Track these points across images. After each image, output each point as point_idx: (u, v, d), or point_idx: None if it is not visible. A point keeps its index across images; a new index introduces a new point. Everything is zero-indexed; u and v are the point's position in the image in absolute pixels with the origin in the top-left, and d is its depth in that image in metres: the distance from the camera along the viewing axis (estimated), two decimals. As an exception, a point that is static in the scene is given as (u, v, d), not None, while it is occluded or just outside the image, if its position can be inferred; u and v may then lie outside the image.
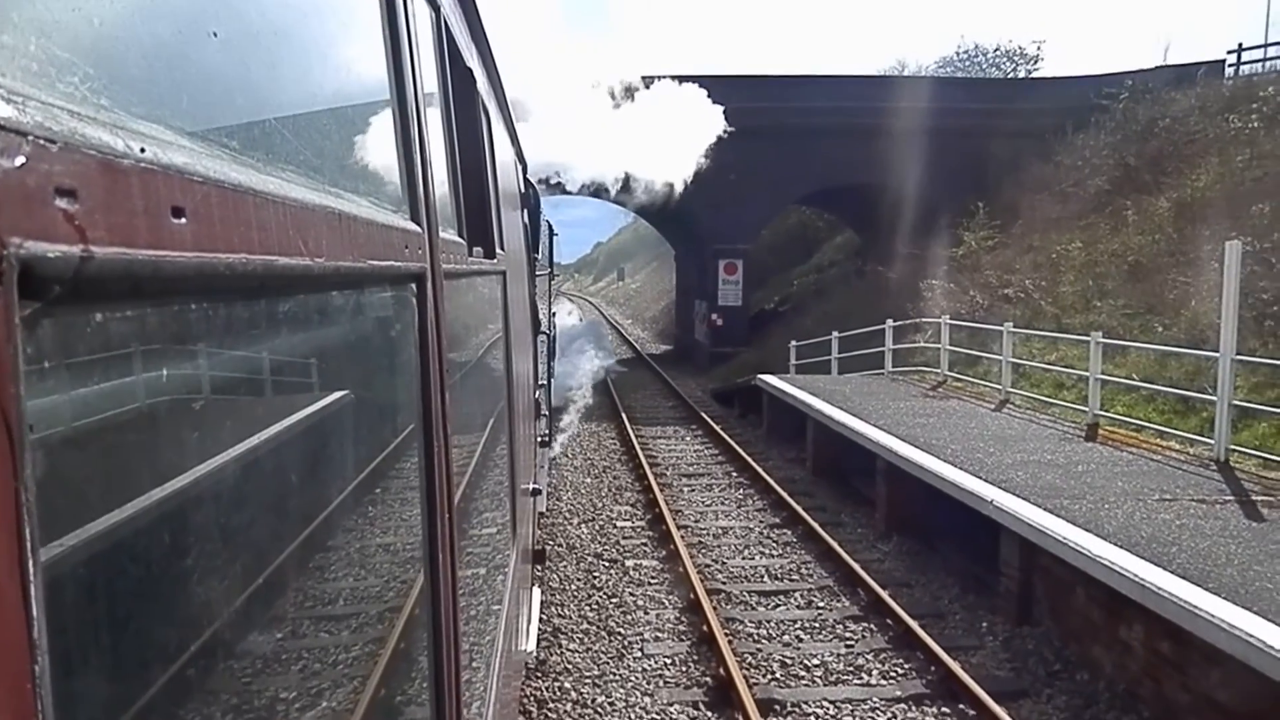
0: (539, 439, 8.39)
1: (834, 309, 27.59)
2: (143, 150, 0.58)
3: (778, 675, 7.88)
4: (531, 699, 7.53)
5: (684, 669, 8.11)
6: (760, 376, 19.67)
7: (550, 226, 18.65)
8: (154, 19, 0.75)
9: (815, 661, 8.13)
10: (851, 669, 7.99)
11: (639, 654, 8.42)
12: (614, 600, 9.78)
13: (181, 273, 0.63)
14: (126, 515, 0.65)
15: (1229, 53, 28.46)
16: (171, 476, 0.74)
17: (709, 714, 7.30)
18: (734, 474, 15.82)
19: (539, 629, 7.33)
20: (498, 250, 3.50)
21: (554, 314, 19.69)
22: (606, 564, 11.05)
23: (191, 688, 0.77)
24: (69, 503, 0.56)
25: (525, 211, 7.39)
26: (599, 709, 7.39)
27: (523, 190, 7.25)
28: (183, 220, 0.63)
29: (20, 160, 0.46)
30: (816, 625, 9.01)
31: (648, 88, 27.26)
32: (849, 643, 8.57)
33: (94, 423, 0.61)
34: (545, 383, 10.37)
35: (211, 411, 0.86)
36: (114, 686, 0.63)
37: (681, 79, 28.26)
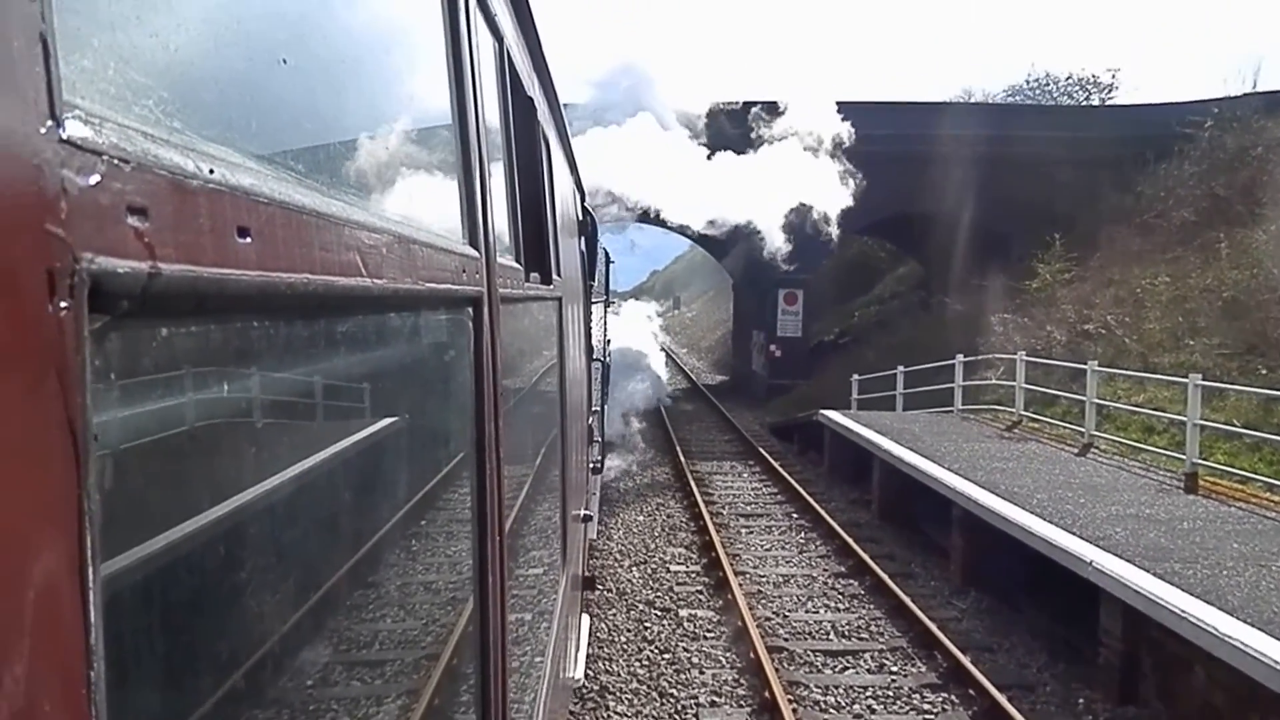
0: (591, 465, 8.21)
1: (897, 342, 26.56)
2: (211, 171, 0.60)
3: (849, 753, 7.05)
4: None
5: (743, 741, 7.33)
6: (822, 412, 18.80)
7: (607, 254, 18.23)
8: (227, 46, 0.77)
9: (891, 738, 7.28)
10: (932, 749, 7.13)
11: (694, 720, 7.66)
12: (666, 656, 9.03)
13: (245, 291, 0.64)
14: (182, 527, 0.66)
15: (1324, 79, 26.94)
16: (230, 492, 0.76)
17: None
18: (794, 515, 14.97)
19: (587, 658, 6.93)
20: (554, 276, 3.48)
21: (609, 340, 19.18)
22: (659, 613, 10.32)
23: (241, 705, 0.78)
24: (129, 512, 0.57)
25: (583, 239, 7.24)
26: (649, 785, 6.66)
27: (580, 218, 6.98)
28: (248, 240, 0.64)
29: (95, 179, 0.47)
30: (890, 694, 8.16)
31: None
32: (928, 716, 7.70)
33: (156, 435, 0.62)
34: (598, 408, 10.06)
35: (272, 429, 0.88)
36: (165, 698, 0.63)
37: (732, 106, 27.80)
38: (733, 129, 27.16)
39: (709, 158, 25.44)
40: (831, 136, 26.62)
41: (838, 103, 28.31)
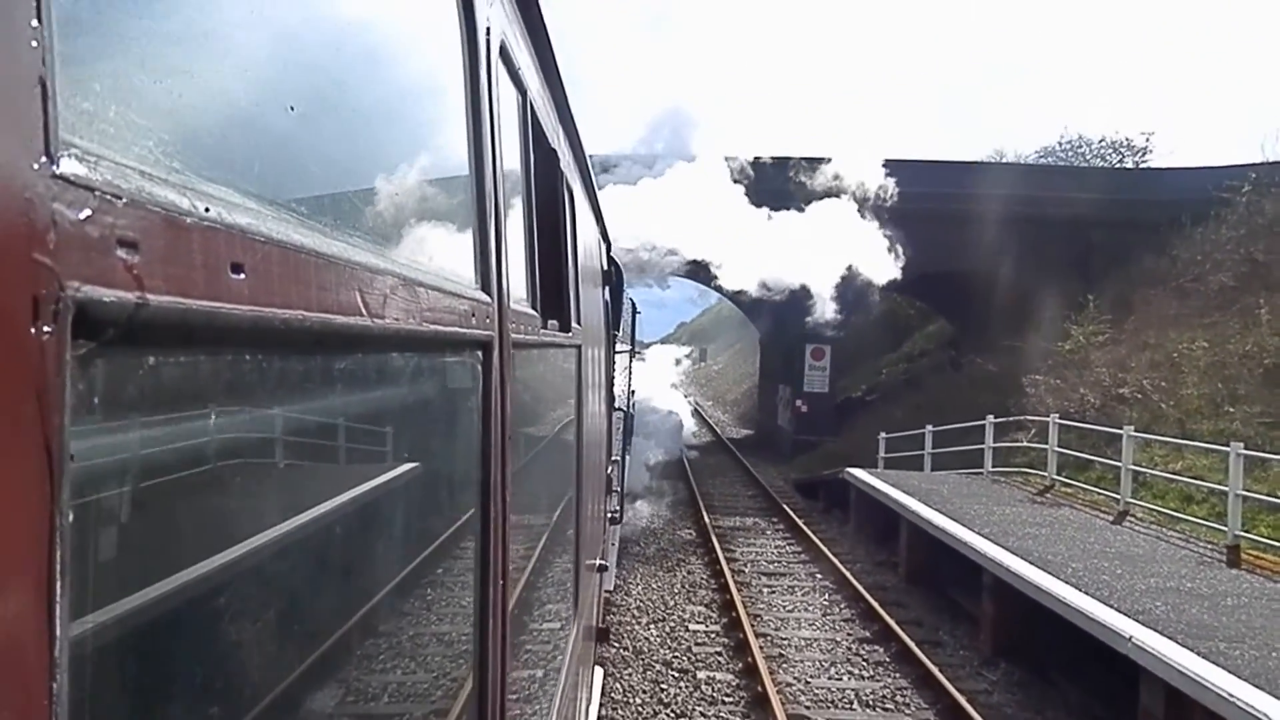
0: (609, 515, 8.13)
1: (926, 400, 26.20)
2: (207, 210, 0.62)
3: (873, 834, 6.69)
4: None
5: (761, 815, 6.99)
6: (848, 470, 18.48)
7: (633, 305, 18.13)
8: (231, 92, 0.80)
9: (917, 819, 6.91)
10: (961, 833, 6.74)
11: (709, 791, 7.33)
12: (683, 721, 8.71)
13: (237, 324, 0.66)
14: (161, 557, 0.67)
15: (1364, 146, 26.61)
16: (215, 524, 0.76)
17: None
18: (818, 576, 14.60)
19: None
20: (573, 324, 3.46)
21: (633, 391, 19.02)
22: (676, 674, 10.01)
23: None
24: (108, 536, 0.58)
25: (607, 289, 7.20)
26: None
27: (605, 268, 6.98)
28: (241, 276, 0.65)
29: (86, 213, 0.50)
30: (917, 770, 7.78)
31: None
32: (956, 797, 7.32)
33: (144, 462, 0.63)
34: (618, 458, 9.96)
35: (265, 466, 0.88)
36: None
37: (779, 160, 27.98)
38: (778, 183, 27.21)
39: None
40: (876, 190, 26.62)
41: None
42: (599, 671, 7.12)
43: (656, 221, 23.49)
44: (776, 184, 27.20)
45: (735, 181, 25.88)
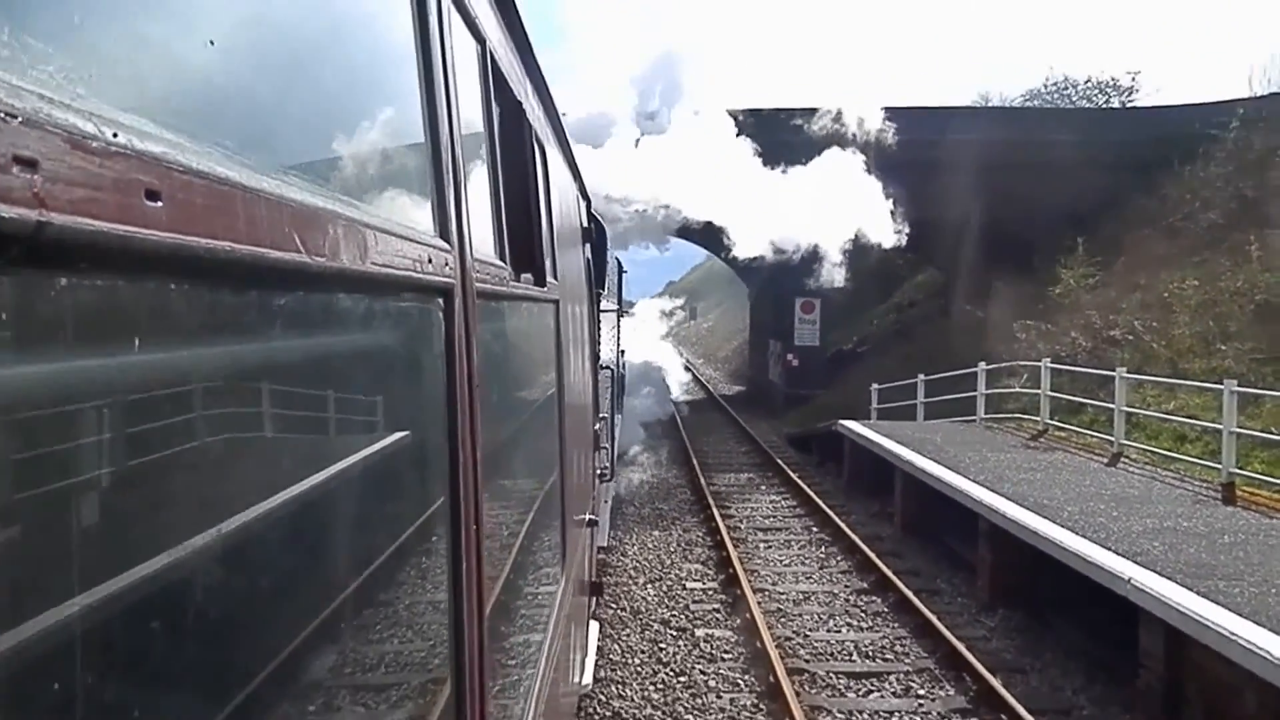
0: (598, 472, 8.07)
1: (917, 350, 26.08)
2: (115, 135, 0.61)
3: (875, 785, 6.67)
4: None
5: (763, 771, 6.96)
6: (841, 422, 18.39)
7: (619, 263, 17.89)
8: (142, 23, 0.78)
9: (919, 768, 6.89)
10: (964, 780, 6.73)
11: (711, 749, 7.30)
12: (682, 679, 8.67)
13: (155, 251, 0.65)
14: (72, 474, 0.65)
15: (1353, 77, 26.31)
16: (136, 447, 0.73)
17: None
18: (814, 529, 14.58)
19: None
20: (549, 279, 3.42)
21: (623, 351, 18.84)
22: (674, 633, 9.96)
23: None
24: (14, 453, 0.58)
25: (588, 246, 7.07)
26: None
27: (585, 225, 6.85)
28: (158, 203, 0.65)
29: None
30: (917, 719, 7.75)
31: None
32: (958, 744, 7.30)
33: (58, 382, 0.63)
34: (606, 416, 9.91)
35: (192, 396, 0.85)
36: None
37: (776, 111, 27.53)
38: (778, 133, 26.70)
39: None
40: (877, 133, 26.22)
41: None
42: (595, 627, 7.10)
43: (665, 180, 22.92)
44: (777, 134, 26.68)
45: (737, 135, 25.34)
